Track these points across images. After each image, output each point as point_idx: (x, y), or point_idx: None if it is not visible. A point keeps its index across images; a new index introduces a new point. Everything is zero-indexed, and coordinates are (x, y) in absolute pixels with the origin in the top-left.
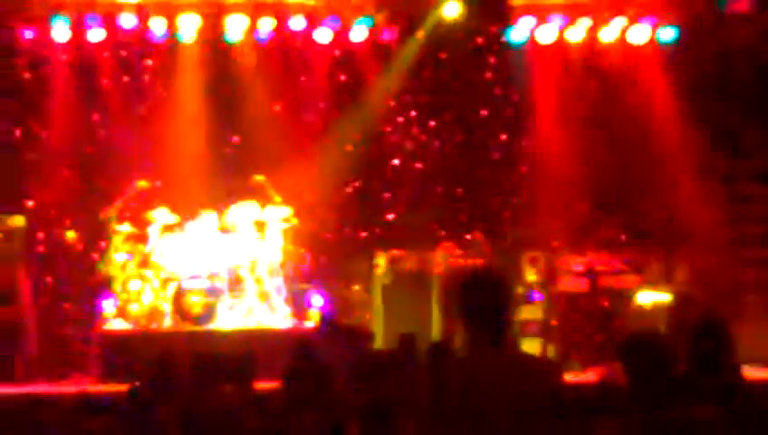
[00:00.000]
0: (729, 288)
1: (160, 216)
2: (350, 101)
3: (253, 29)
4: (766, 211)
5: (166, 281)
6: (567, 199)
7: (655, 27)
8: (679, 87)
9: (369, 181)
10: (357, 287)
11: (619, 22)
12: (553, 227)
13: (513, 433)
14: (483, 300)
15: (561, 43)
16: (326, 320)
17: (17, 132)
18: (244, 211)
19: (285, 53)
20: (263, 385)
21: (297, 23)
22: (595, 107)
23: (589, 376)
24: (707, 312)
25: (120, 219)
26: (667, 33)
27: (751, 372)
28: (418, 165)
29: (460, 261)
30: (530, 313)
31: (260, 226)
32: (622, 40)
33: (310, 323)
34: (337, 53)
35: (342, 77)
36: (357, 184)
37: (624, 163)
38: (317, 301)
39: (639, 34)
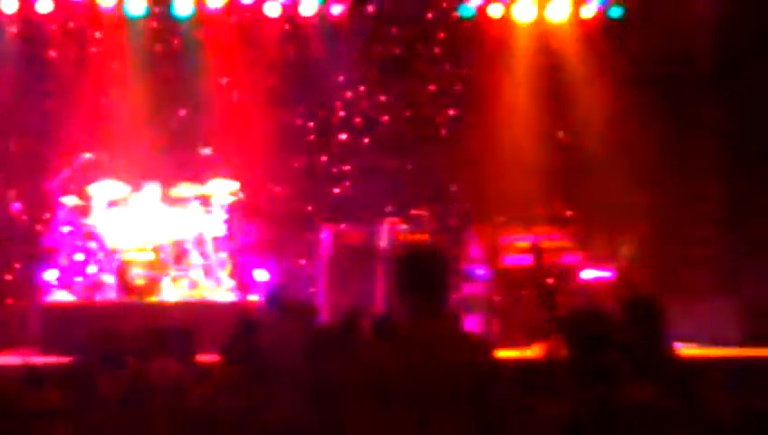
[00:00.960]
0: (671, 266)
1: (105, 188)
2: (299, 76)
3: (202, 1)
4: (714, 188)
5: (109, 253)
6: (514, 176)
7: (606, 4)
8: (629, 65)
9: (317, 155)
10: (302, 261)
11: None
12: (499, 203)
13: (442, 406)
14: (420, 272)
15: (510, 19)
16: (270, 294)
17: None
18: (189, 184)
19: (234, 26)
20: (206, 359)
21: None
22: (544, 83)
23: (531, 352)
24: (640, 290)
25: (65, 191)
26: (616, 10)
27: (689, 351)
28: (366, 139)
29: (406, 236)
30: (473, 288)
31: (205, 199)
32: (572, 15)
33: (254, 297)
34: (286, 27)
35: (291, 51)
36: (304, 158)
37: (573, 140)
38: (261, 275)
39: (588, 10)
